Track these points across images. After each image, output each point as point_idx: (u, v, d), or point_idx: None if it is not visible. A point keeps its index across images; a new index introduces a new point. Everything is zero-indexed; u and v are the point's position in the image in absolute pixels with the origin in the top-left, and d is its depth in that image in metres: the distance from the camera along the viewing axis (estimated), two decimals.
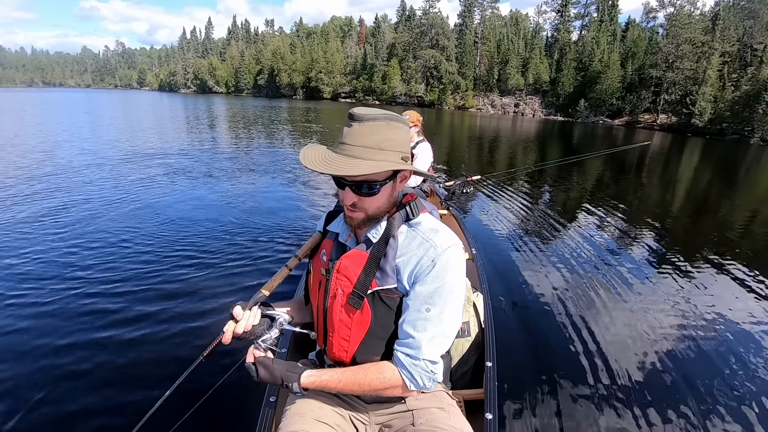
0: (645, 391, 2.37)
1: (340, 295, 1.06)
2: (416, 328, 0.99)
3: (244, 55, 79.98)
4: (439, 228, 1.06)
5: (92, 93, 77.23)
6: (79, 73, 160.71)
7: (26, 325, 2.71)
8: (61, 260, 3.66)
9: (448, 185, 4.29)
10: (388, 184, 1.00)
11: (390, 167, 0.95)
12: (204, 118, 23.12)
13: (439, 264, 0.99)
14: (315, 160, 0.95)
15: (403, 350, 1.01)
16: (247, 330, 1.13)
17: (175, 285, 3.28)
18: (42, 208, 5.15)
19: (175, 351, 2.50)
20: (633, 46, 45.88)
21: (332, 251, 1.14)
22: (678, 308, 3.42)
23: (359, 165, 0.92)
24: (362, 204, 1.01)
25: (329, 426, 1.08)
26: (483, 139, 19.45)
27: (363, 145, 0.93)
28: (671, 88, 39.20)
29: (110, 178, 7.04)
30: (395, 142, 0.97)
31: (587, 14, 54.06)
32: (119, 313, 2.87)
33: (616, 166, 13.34)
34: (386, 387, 1.01)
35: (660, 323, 3.16)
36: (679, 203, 8.33)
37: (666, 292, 3.74)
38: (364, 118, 0.94)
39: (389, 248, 1.03)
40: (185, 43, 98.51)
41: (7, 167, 7.54)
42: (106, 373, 2.29)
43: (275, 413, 1.26)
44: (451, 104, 55.04)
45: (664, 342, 2.90)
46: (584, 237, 5.30)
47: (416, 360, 0.99)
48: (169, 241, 4.22)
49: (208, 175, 7.69)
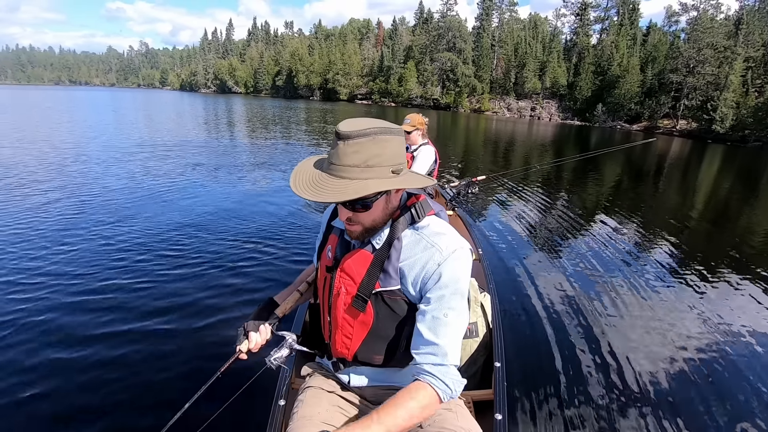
0: (655, 396, 2.35)
1: (344, 294, 1.08)
2: (438, 334, 0.98)
3: (264, 56, 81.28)
4: (444, 231, 1.04)
5: (116, 92, 79.43)
6: (104, 72, 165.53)
7: (37, 320, 2.74)
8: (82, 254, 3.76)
9: (453, 186, 4.35)
10: (380, 199, 0.99)
11: (376, 188, 0.92)
12: (224, 118, 23.73)
13: (447, 268, 0.99)
14: (303, 184, 0.94)
15: (429, 360, 0.98)
16: (260, 347, 1.19)
17: (187, 289, 3.24)
18: (71, 200, 5.53)
19: (192, 362, 2.42)
20: (654, 51, 45.22)
21: (337, 248, 1.14)
22: (694, 316, 3.35)
23: (345, 189, 0.90)
24: (357, 218, 1.01)
25: (337, 428, 1.09)
26: (499, 143, 19.35)
27: (349, 165, 0.91)
28: (692, 94, 38.54)
29: (134, 174, 7.45)
30: (383, 157, 0.92)
31: (607, 18, 53.48)
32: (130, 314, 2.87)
33: (633, 171, 13.24)
34: (423, 410, 0.95)
35: (673, 328, 3.11)
36: (698, 210, 8.06)
37: (679, 296, 3.69)
38: (349, 136, 0.91)
39: (393, 250, 1.03)
40: (206, 44, 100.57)
41: (35, 161, 8.08)
42: (116, 388, 2.22)
43: (284, 417, 1.26)
44: (467, 107, 55.01)
45: (677, 347, 2.85)
46: (594, 239, 5.27)
47: (446, 367, 0.97)
48: (185, 241, 4.23)
49: (229, 174, 7.99)
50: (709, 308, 3.51)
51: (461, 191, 4.32)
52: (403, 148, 1.00)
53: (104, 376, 2.29)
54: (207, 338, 2.65)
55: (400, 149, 0.98)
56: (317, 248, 1.23)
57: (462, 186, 4.26)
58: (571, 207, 7.08)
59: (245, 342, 1.17)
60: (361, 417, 1.14)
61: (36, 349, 2.47)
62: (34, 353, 2.44)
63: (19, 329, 2.65)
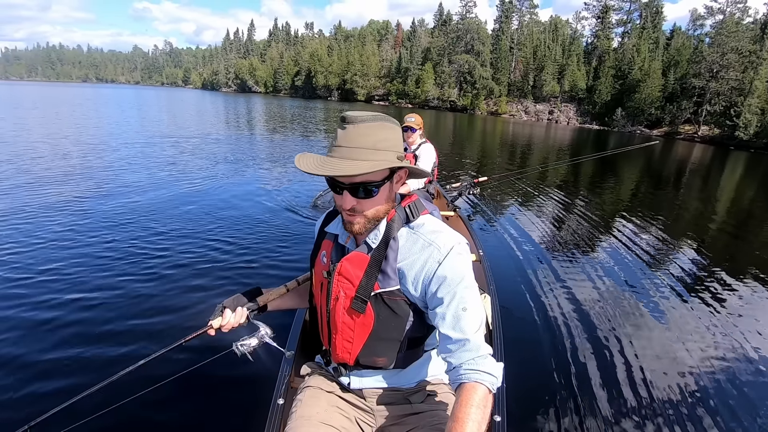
0: (657, 401, 2.35)
1: (342, 298, 1.06)
2: (464, 330, 0.96)
3: (283, 56, 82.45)
4: (440, 229, 1.05)
5: (141, 90, 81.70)
6: (129, 70, 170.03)
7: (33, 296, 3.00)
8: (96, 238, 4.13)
9: (454, 187, 4.37)
10: (385, 185, 1.00)
11: (390, 165, 0.95)
12: (244, 116, 24.42)
13: (449, 265, 0.98)
14: (311, 163, 0.95)
15: (466, 358, 0.95)
16: (232, 328, 1.22)
17: (176, 273, 3.47)
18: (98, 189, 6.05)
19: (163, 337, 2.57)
20: (676, 55, 44.42)
21: (332, 253, 1.13)
22: (698, 322, 3.31)
23: (358, 165, 0.91)
24: (361, 207, 1.00)
25: (335, 428, 1.10)
26: (516, 146, 19.13)
27: (359, 146, 0.93)
28: (714, 99, 37.76)
29: (159, 168, 7.95)
30: (390, 142, 0.96)
31: (629, 21, 52.71)
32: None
33: (642, 174, 13.11)
34: (484, 407, 0.91)
35: (676, 332, 3.11)
36: (719, 219, 7.75)
37: (682, 300, 3.68)
38: (357, 120, 0.94)
39: (390, 250, 1.02)
40: (228, 44, 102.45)
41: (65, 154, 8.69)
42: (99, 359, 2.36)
43: (283, 416, 1.26)
44: (484, 110, 54.88)
45: (682, 353, 2.83)
46: (597, 242, 5.25)
47: (484, 358, 0.95)
48: (183, 230, 4.50)
49: (244, 170, 8.43)
50: (720, 321, 3.38)
51: (462, 192, 4.32)
52: (402, 139, 1.04)
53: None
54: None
55: (401, 139, 1.03)
56: (311, 255, 1.22)
57: (463, 187, 4.29)
58: (573, 209, 7.08)
59: (218, 319, 1.21)
60: (360, 417, 1.17)
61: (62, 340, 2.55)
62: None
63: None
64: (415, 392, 1.17)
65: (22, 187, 5.85)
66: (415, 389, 1.18)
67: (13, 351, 2.45)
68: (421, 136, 3.67)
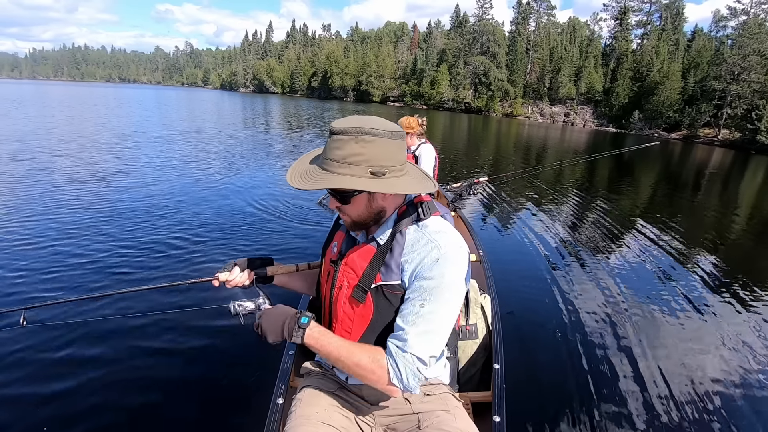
0: (658, 405, 2.34)
1: (346, 287, 1.09)
2: (407, 321, 0.99)
3: (300, 57, 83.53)
4: (446, 230, 1.06)
5: (162, 90, 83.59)
6: (151, 70, 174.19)
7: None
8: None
9: (455, 187, 4.31)
10: (360, 196, 1.02)
11: (342, 185, 0.97)
12: (262, 116, 24.98)
13: (441, 263, 1.00)
14: (295, 174, 1.04)
15: (392, 341, 1.00)
16: (235, 285, 1.27)
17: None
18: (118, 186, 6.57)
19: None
20: (697, 57, 43.60)
21: (343, 244, 1.17)
22: (701, 324, 3.30)
23: (317, 180, 0.98)
24: (343, 210, 1.07)
25: (335, 428, 1.10)
26: (530, 149, 18.88)
27: (331, 159, 0.98)
28: (735, 102, 37.01)
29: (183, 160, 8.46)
30: (362, 157, 0.96)
31: (649, 22, 51.92)
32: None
33: (669, 180, 12.84)
34: (373, 370, 0.98)
35: (679, 334, 3.08)
36: (739, 225, 7.55)
37: (682, 300, 3.67)
38: (335, 132, 0.98)
39: (396, 245, 1.05)
40: (247, 45, 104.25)
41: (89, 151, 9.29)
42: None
43: (282, 416, 1.26)
44: (499, 111, 54.69)
45: (687, 358, 2.80)
46: (599, 243, 5.23)
47: (404, 353, 0.97)
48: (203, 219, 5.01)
49: (259, 166, 8.90)
50: (730, 330, 3.29)
51: (463, 192, 4.31)
52: (394, 150, 1.01)
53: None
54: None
55: (386, 151, 0.98)
56: (323, 246, 1.26)
57: (464, 187, 4.25)
58: (574, 210, 7.07)
59: (226, 273, 1.27)
60: (359, 417, 1.18)
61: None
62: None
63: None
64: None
65: (72, 175, 6.48)
66: None
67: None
68: (420, 137, 3.65)
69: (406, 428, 1.14)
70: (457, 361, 1.42)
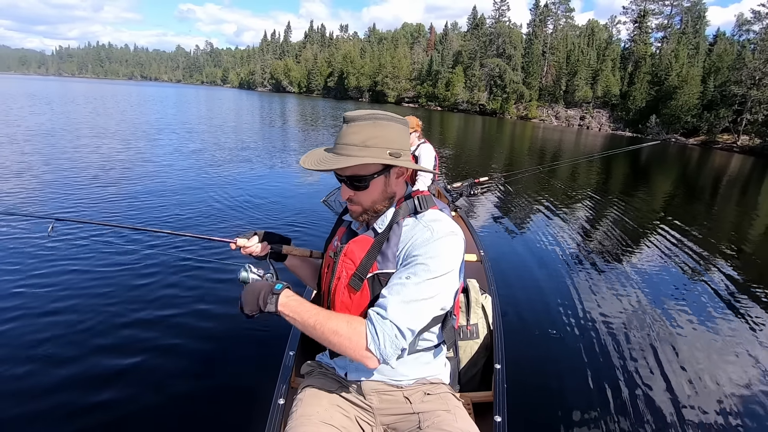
0: (658, 406, 2.34)
1: (344, 277, 1.10)
2: (391, 291, 1.00)
3: (317, 57, 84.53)
4: (442, 219, 1.08)
5: (182, 88, 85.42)
6: (171, 69, 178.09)
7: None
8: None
9: (455, 186, 4.33)
10: (378, 179, 1.05)
11: (370, 160, 0.99)
12: (280, 115, 25.54)
13: (433, 244, 1.01)
14: (310, 161, 1.05)
15: (374, 309, 1.01)
16: (250, 253, 1.32)
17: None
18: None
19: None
20: (718, 61, 42.84)
21: (343, 236, 1.20)
22: (713, 333, 3.23)
23: (343, 160, 0.99)
24: (357, 198, 1.07)
25: (336, 428, 1.10)
26: (545, 153, 18.56)
27: (349, 143, 1.00)
28: (755, 108, 36.36)
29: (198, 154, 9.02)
30: (381, 139, 0.99)
31: (669, 26, 51.22)
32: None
33: (687, 185, 12.65)
34: (349, 336, 0.97)
35: (676, 330, 3.09)
36: (758, 231, 7.37)
37: (681, 299, 3.66)
38: (351, 119, 1.01)
39: (393, 235, 1.07)
40: (265, 45, 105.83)
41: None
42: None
43: (283, 416, 1.26)
44: (514, 114, 54.56)
45: (689, 360, 2.78)
46: (601, 244, 5.22)
47: (383, 319, 0.97)
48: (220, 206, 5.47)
49: (272, 162, 9.44)
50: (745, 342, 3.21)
51: (464, 192, 4.33)
52: (406, 137, 1.07)
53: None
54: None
55: (400, 136, 1.05)
56: (326, 241, 1.27)
57: (465, 187, 4.28)
58: (575, 210, 7.08)
59: (245, 240, 1.32)
60: (360, 416, 1.18)
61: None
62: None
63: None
64: (415, 392, 1.17)
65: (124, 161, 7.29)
66: (414, 388, 1.18)
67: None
68: (419, 138, 3.70)
69: (406, 428, 1.14)
70: (458, 361, 1.44)
